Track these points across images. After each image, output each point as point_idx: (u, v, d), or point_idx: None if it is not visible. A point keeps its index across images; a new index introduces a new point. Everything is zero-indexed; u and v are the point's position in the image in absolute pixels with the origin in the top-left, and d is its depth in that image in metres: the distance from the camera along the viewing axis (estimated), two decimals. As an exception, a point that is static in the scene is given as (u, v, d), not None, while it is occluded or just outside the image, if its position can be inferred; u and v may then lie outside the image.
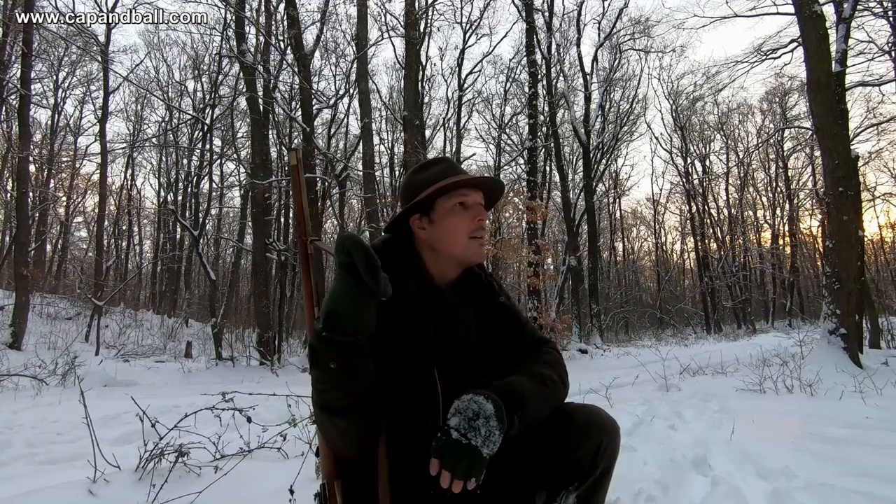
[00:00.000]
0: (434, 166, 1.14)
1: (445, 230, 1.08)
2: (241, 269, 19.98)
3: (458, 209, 1.08)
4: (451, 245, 1.08)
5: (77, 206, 21.69)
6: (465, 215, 1.08)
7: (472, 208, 1.09)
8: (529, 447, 1.03)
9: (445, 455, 0.84)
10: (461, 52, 17.94)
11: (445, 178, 1.08)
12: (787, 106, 22.08)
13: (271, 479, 1.90)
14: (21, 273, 9.23)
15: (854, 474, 1.94)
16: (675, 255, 31.89)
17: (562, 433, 1.04)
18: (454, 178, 1.08)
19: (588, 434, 1.03)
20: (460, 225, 1.07)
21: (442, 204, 1.08)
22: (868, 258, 13.36)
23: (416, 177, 1.13)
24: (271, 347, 10.40)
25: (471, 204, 1.09)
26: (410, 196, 1.11)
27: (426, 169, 1.14)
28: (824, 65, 5.73)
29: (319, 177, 12.20)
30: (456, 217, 1.07)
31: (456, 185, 1.07)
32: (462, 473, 0.83)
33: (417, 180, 1.12)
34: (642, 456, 2.20)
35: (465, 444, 0.84)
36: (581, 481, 1.03)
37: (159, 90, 19.59)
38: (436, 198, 1.08)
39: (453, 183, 1.07)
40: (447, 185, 1.06)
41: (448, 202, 1.08)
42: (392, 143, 20.55)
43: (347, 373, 0.81)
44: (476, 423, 0.86)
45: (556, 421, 1.05)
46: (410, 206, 1.09)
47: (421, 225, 1.09)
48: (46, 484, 1.80)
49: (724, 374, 5.45)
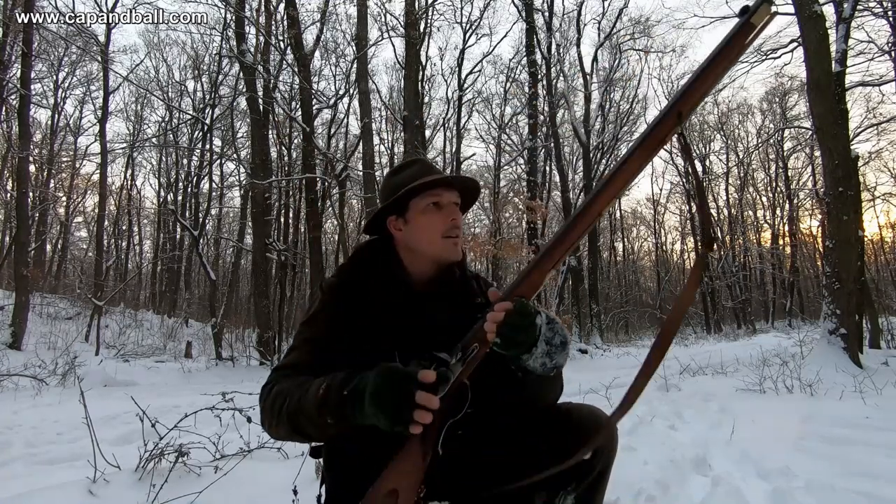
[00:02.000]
0: (408, 168, 1.15)
1: (420, 230, 1.09)
2: (241, 269, 19.98)
3: (432, 209, 1.09)
4: (425, 244, 1.09)
5: (77, 206, 21.70)
6: (439, 215, 1.09)
7: (445, 208, 1.09)
8: (528, 447, 1.04)
9: (522, 310, 0.86)
10: (461, 52, 17.94)
11: (419, 179, 1.09)
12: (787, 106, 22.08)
13: (271, 479, 1.90)
14: (21, 273, 9.22)
15: (854, 474, 1.94)
16: (675, 255, 31.88)
17: (560, 433, 1.04)
18: (426, 179, 1.08)
19: (586, 433, 1.03)
20: (434, 224, 1.08)
21: (416, 204, 1.09)
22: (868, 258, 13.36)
23: (391, 179, 1.15)
24: (271, 347, 10.40)
25: (444, 203, 1.09)
26: (386, 197, 1.13)
27: (401, 171, 1.16)
28: (824, 65, 5.73)
29: (319, 177, 12.19)
30: (429, 216, 1.09)
31: (428, 184, 1.08)
32: (515, 332, 0.86)
33: (392, 182, 1.14)
34: (642, 456, 2.20)
35: (537, 321, 0.88)
36: (579, 481, 1.04)
37: (159, 90, 19.58)
38: (409, 198, 1.09)
39: (425, 183, 1.07)
40: (418, 185, 1.07)
41: (421, 202, 1.09)
42: (392, 143, 20.57)
43: (333, 431, 0.88)
44: (555, 325, 0.91)
45: (554, 420, 1.06)
46: (385, 208, 1.11)
47: (397, 226, 1.11)
48: (46, 484, 1.80)
49: (724, 374, 5.45)
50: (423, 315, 1.06)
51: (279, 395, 0.94)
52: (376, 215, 1.13)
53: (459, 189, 1.13)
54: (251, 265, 13.55)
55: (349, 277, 1.12)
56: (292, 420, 0.90)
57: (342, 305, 1.06)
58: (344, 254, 14.89)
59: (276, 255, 13.07)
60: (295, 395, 0.91)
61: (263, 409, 0.97)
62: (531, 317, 0.87)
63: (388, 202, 1.10)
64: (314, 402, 0.87)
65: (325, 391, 0.86)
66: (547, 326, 0.89)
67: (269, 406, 0.95)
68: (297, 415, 0.90)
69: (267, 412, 0.96)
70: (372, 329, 1.03)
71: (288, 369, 1.02)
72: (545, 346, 0.89)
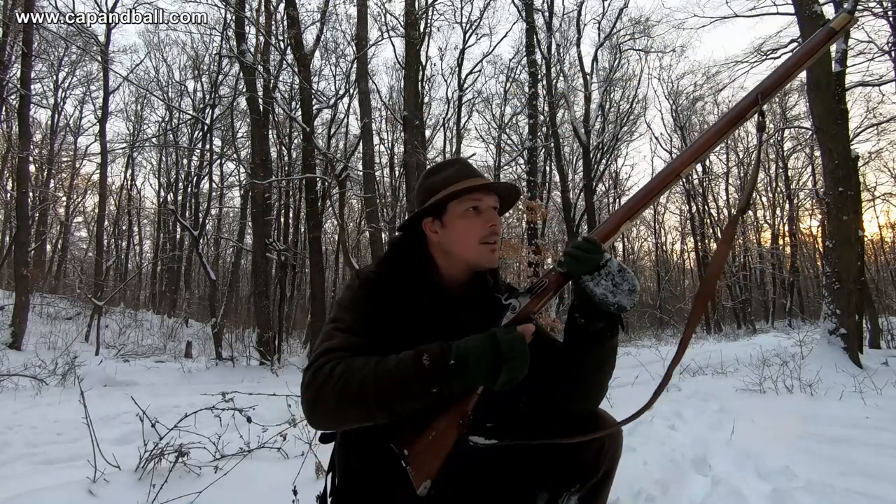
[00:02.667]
0: (448, 168, 1.12)
1: (457, 234, 1.07)
2: (241, 269, 19.96)
3: (471, 213, 1.06)
4: (462, 249, 1.07)
5: (77, 206, 21.70)
6: (478, 220, 1.06)
7: (484, 213, 1.07)
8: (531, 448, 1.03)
9: (589, 239, 0.94)
10: (461, 52, 17.95)
11: (458, 182, 1.07)
12: (787, 106, 22.03)
13: (271, 479, 1.90)
14: (21, 273, 9.23)
15: (854, 474, 1.94)
16: (675, 255, 31.86)
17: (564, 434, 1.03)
18: (467, 183, 1.06)
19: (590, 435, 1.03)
20: (472, 230, 1.06)
21: (454, 208, 1.07)
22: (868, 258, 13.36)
23: (430, 179, 1.12)
24: (271, 347, 10.40)
25: (484, 209, 1.07)
26: (424, 199, 1.10)
27: (440, 171, 1.12)
28: (824, 65, 5.73)
29: (319, 177, 12.19)
30: (467, 221, 1.06)
31: (469, 189, 1.06)
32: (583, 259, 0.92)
33: (431, 182, 1.11)
34: (642, 456, 2.20)
35: (606, 255, 0.93)
36: (583, 483, 1.03)
37: (159, 90, 19.58)
38: (448, 201, 1.07)
39: (466, 188, 1.05)
40: (459, 189, 1.05)
41: (460, 206, 1.06)
42: (392, 143, 20.56)
43: (432, 400, 0.88)
44: (626, 273, 0.92)
45: (558, 422, 1.05)
46: (422, 210, 1.09)
47: (433, 228, 1.09)
48: (46, 484, 1.80)
49: (724, 374, 5.45)
50: (454, 319, 1.04)
51: (352, 373, 0.89)
52: (414, 216, 1.11)
53: (499, 194, 1.11)
54: (251, 265, 13.54)
55: (387, 270, 1.09)
56: (381, 394, 0.87)
57: (378, 299, 1.04)
58: (344, 254, 14.90)
59: (276, 255, 13.08)
60: (382, 371, 0.89)
61: (322, 390, 0.90)
62: (598, 247, 0.93)
63: (427, 205, 1.07)
64: (416, 372, 0.87)
65: (429, 361, 0.87)
66: (618, 271, 0.92)
67: (337, 384, 0.89)
68: (390, 388, 0.87)
69: (329, 391, 0.89)
70: (404, 327, 1.01)
71: (343, 351, 0.96)
72: (611, 283, 0.91)
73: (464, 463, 1.03)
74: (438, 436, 0.92)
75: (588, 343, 0.96)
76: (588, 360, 0.98)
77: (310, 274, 13.03)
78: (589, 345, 0.96)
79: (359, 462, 1.01)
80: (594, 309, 0.93)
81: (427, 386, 0.87)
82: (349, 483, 1.03)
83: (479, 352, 0.87)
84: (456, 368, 0.87)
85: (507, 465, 1.04)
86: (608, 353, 0.99)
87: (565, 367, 1.00)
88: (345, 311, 1.03)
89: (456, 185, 1.06)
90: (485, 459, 1.04)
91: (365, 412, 0.89)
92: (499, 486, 1.03)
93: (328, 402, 0.89)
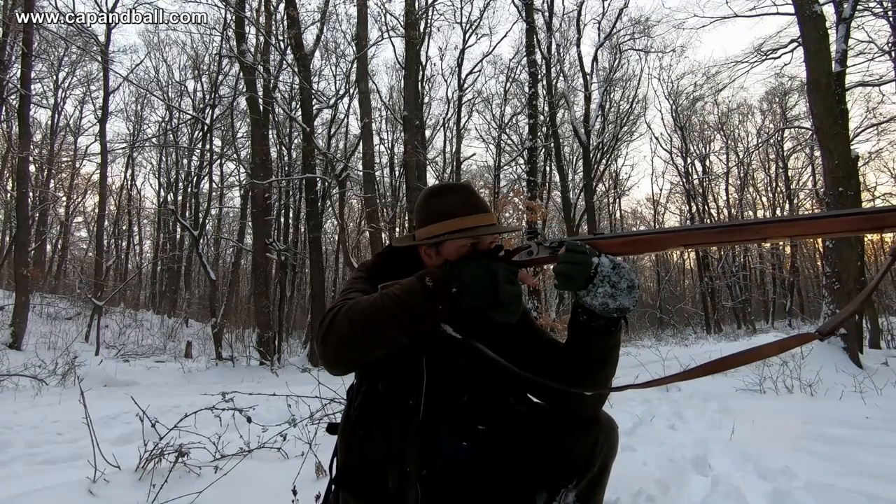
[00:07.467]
0: (452, 195, 1.11)
1: None
2: (241, 269, 19.97)
3: (467, 249, 1.08)
4: None
5: (77, 206, 21.71)
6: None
7: (482, 248, 1.10)
8: (528, 446, 1.05)
9: (573, 249, 0.92)
10: (461, 52, 17.92)
11: (460, 217, 1.07)
12: (787, 106, 22.04)
13: (271, 479, 1.90)
14: (21, 273, 9.22)
15: (854, 474, 1.94)
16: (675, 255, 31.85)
17: (559, 431, 1.05)
18: (469, 221, 1.07)
19: (585, 431, 1.04)
20: None
21: (452, 242, 1.07)
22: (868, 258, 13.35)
23: (432, 202, 1.12)
24: (271, 347, 10.41)
25: (482, 246, 1.09)
26: (423, 220, 1.11)
27: (443, 195, 1.12)
28: (824, 65, 5.73)
29: (319, 177, 12.19)
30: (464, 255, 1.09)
31: (468, 232, 1.07)
32: (574, 273, 0.91)
33: (433, 207, 1.11)
34: (642, 456, 2.20)
35: (593, 261, 0.91)
36: (579, 479, 1.05)
37: (159, 90, 19.58)
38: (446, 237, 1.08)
39: (467, 231, 1.06)
40: (458, 231, 1.06)
41: (458, 241, 1.07)
42: (392, 143, 20.54)
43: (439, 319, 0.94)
44: (621, 269, 0.91)
45: (554, 419, 1.07)
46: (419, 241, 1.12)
47: (429, 253, 1.11)
48: (46, 484, 1.80)
49: (724, 374, 5.45)
50: (454, 321, 1.04)
51: (361, 301, 0.94)
52: (409, 245, 1.14)
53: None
54: (251, 265, 13.56)
55: (387, 263, 1.14)
56: (391, 314, 0.90)
57: (381, 279, 1.05)
58: (344, 254, 14.90)
59: (276, 255, 13.08)
60: (389, 294, 0.93)
61: (334, 320, 0.93)
62: (585, 255, 0.91)
63: (425, 241, 1.09)
64: (420, 292, 0.92)
65: (432, 282, 0.93)
66: (612, 269, 0.91)
67: (349, 312, 0.92)
68: (399, 308, 0.91)
69: (342, 319, 0.92)
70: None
71: (358, 293, 1.01)
72: (609, 287, 0.90)
73: (463, 463, 1.04)
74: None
75: (593, 338, 0.99)
76: (592, 353, 1.00)
77: (310, 274, 13.04)
78: (594, 339, 0.99)
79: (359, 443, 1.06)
80: (597, 315, 0.95)
81: (432, 304, 0.92)
82: (351, 466, 1.07)
83: (478, 273, 0.94)
84: (457, 293, 0.93)
85: (506, 466, 1.05)
86: (612, 346, 1.01)
87: (570, 358, 1.02)
88: (354, 283, 1.09)
89: (457, 220, 1.07)
90: (484, 459, 1.05)
91: (377, 333, 0.91)
92: (499, 486, 1.05)
93: (342, 327, 0.92)
